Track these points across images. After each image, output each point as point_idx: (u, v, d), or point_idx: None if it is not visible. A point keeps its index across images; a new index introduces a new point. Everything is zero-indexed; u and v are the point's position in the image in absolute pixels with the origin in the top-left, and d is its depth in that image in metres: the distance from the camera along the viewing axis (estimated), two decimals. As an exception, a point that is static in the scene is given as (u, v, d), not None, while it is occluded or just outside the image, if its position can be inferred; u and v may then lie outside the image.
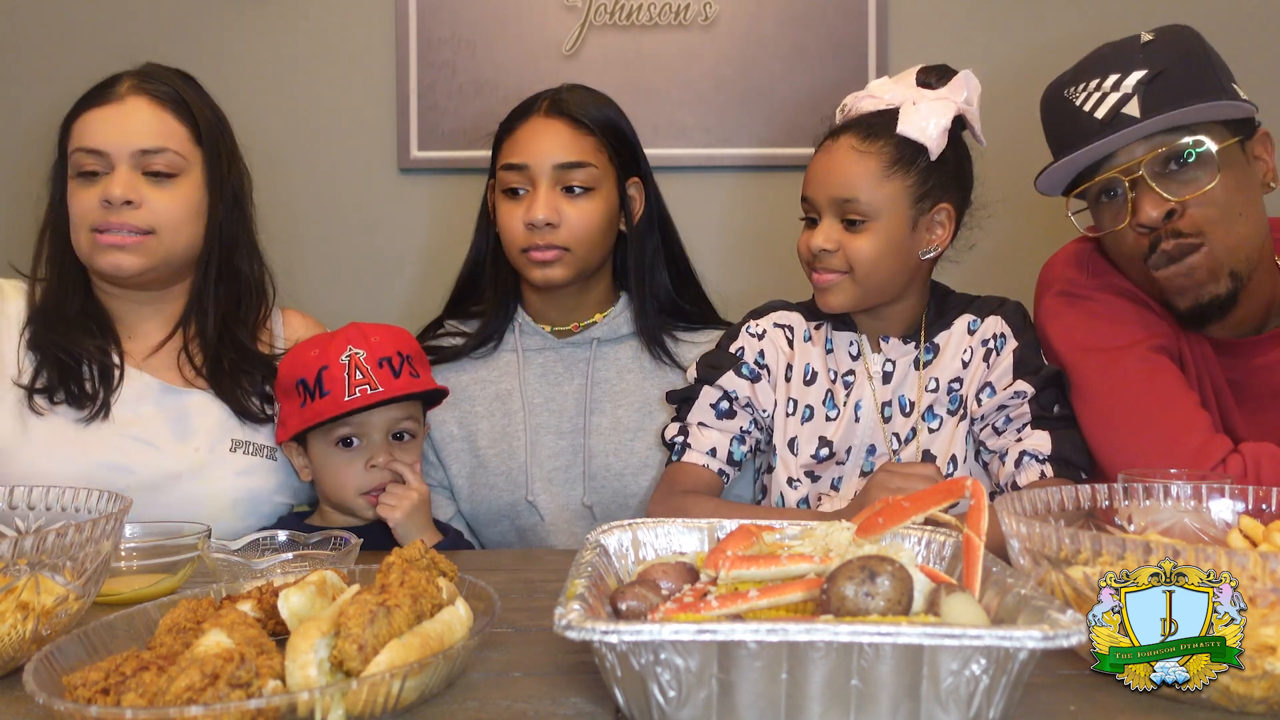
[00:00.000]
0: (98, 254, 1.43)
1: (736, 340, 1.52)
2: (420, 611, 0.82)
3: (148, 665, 0.75)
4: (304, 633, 0.76)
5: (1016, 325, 1.46)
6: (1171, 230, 1.34)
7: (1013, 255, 2.25)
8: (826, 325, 1.51)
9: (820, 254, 1.40)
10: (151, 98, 1.46)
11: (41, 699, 0.71)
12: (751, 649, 0.69)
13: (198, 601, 0.90)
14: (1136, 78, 1.34)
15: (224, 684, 0.70)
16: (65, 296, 1.48)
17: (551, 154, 1.54)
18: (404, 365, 1.43)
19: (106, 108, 1.44)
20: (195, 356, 1.51)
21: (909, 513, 0.88)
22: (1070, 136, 1.39)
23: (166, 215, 1.44)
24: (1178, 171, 1.34)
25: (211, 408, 1.49)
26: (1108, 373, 1.40)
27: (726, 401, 1.49)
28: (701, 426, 1.48)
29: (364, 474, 1.44)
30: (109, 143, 1.42)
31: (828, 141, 1.43)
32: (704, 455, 1.47)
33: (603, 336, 1.66)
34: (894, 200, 1.38)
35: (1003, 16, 2.23)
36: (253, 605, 0.93)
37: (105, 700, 0.73)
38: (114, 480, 1.36)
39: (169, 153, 1.45)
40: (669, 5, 2.21)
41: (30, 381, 1.42)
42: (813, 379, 1.49)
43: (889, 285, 1.42)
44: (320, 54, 2.25)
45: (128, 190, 1.41)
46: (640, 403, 1.63)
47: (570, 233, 1.54)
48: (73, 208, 1.44)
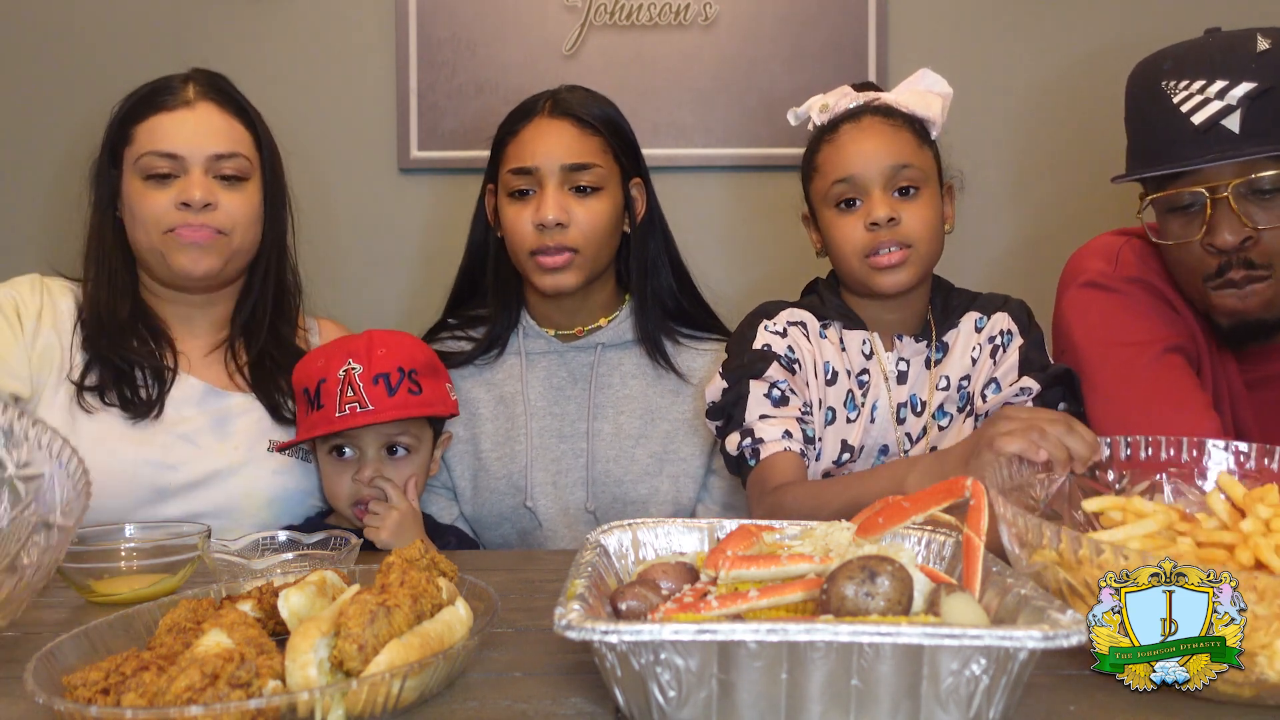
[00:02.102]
0: (175, 252, 1.46)
1: (758, 339, 1.46)
2: (420, 611, 0.82)
3: (148, 665, 0.75)
4: (304, 633, 0.76)
5: (1022, 323, 1.46)
6: (1243, 259, 1.31)
7: (1012, 253, 2.26)
8: (837, 324, 1.49)
9: (886, 226, 1.36)
10: (219, 104, 1.51)
11: (41, 699, 0.71)
12: (751, 649, 0.69)
13: (198, 601, 0.90)
14: (1244, 90, 1.27)
15: (224, 684, 0.70)
16: (116, 300, 1.50)
17: (559, 154, 1.54)
18: (403, 383, 1.41)
19: (179, 112, 1.47)
20: (240, 356, 1.55)
21: (909, 513, 0.88)
22: (1161, 136, 1.33)
23: (239, 217, 1.49)
24: (1264, 198, 1.29)
25: (252, 409, 1.52)
26: (1122, 368, 1.39)
27: (777, 390, 1.41)
28: (764, 419, 1.40)
29: (352, 485, 1.44)
30: (184, 146, 1.46)
31: (845, 126, 1.41)
32: (780, 441, 1.37)
33: (607, 341, 1.65)
34: (931, 168, 1.41)
35: (1002, 17, 2.23)
36: (253, 605, 0.93)
37: (105, 700, 0.73)
38: (157, 477, 1.43)
39: (240, 157, 1.49)
40: (669, 5, 2.21)
41: (80, 378, 1.44)
42: (834, 379, 1.46)
43: (936, 259, 1.43)
44: (320, 54, 2.25)
45: (207, 193, 1.45)
46: (643, 409, 1.62)
47: (580, 232, 1.54)
48: (142, 209, 1.46)
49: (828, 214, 1.43)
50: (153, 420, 1.45)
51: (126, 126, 1.49)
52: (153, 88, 1.50)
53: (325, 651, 0.76)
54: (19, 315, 1.46)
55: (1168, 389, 1.37)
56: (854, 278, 1.43)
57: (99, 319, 1.48)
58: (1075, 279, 1.49)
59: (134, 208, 1.47)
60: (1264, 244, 1.30)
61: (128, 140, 1.48)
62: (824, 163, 1.43)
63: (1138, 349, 1.39)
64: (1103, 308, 1.44)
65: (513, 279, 1.65)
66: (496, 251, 1.65)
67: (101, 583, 1.10)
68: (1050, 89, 2.22)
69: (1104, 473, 1.09)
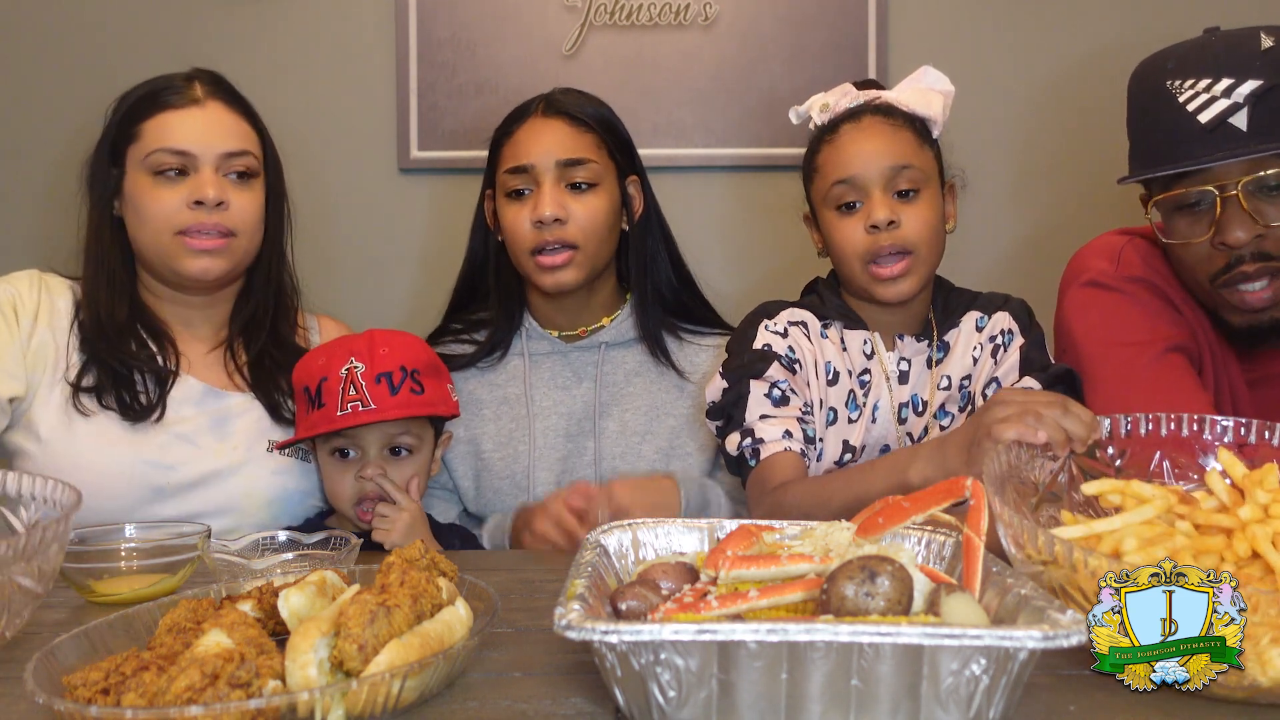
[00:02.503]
0: (185, 258, 1.44)
1: (759, 338, 1.45)
2: (420, 611, 0.82)
3: (148, 665, 0.75)
4: (304, 633, 0.76)
5: (1023, 322, 1.46)
6: (1259, 253, 1.29)
7: (1010, 253, 2.26)
8: (837, 324, 1.48)
9: (885, 229, 1.36)
10: (226, 102, 1.50)
11: (41, 699, 0.71)
12: (751, 649, 0.69)
13: (198, 602, 0.90)
14: (1250, 88, 1.26)
15: (224, 684, 0.70)
16: (114, 301, 1.48)
17: (553, 151, 1.54)
18: (405, 382, 1.40)
19: (189, 110, 1.46)
20: (239, 356, 1.54)
21: (909, 513, 0.88)
22: (1168, 136, 1.32)
23: (247, 217, 1.48)
24: (1273, 194, 1.28)
25: (251, 409, 1.51)
26: (1123, 367, 1.38)
27: (777, 390, 1.41)
28: (764, 419, 1.39)
29: (355, 484, 1.43)
30: (197, 144, 1.44)
31: (845, 126, 1.41)
32: (780, 441, 1.37)
33: (610, 340, 1.65)
34: (931, 168, 1.41)
35: (1002, 16, 2.23)
36: (253, 605, 0.93)
37: (105, 700, 0.73)
38: (156, 477, 1.42)
39: (249, 155, 1.49)
40: (669, 5, 2.21)
41: (77, 379, 1.43)
42: (835, 379, 1.45)
43: (938, 261, 1.43)
44: (320, 54, 2.25)
45: (220, 192, 1.44)
46: (648, 406, 1.62)
47: (578, 228, 1.54)
48: (151, 207, 1.44)
49: (828, 215, 1.42)
50: (154, 422, 1.44)
51: (131, 124, 1.46)
52: (156, 85, 1.48)
53: (325, 651, 0.76)
54: (15, 312, 1.45)
55: (1168, 388, 1.36)
56: (856, 283, 1.43)
57: (97, 321, 1.46)
58: (1077, 278, 1.49)
59: (141, 206, 1.45)
60: (1275, 238, 1.29)
61: (133, 138, 1.46)
62: (824, 163, 1.42)
63: (1138, 349, 1.39)
64: (1104, 307, 1.44)
65: (514, 282, 1.66)
66: (497, 256, 1.66)
67: (101, 583, 1.10)
68: (1049, 89, 2.22)
69: (1104, 451, 1.08)
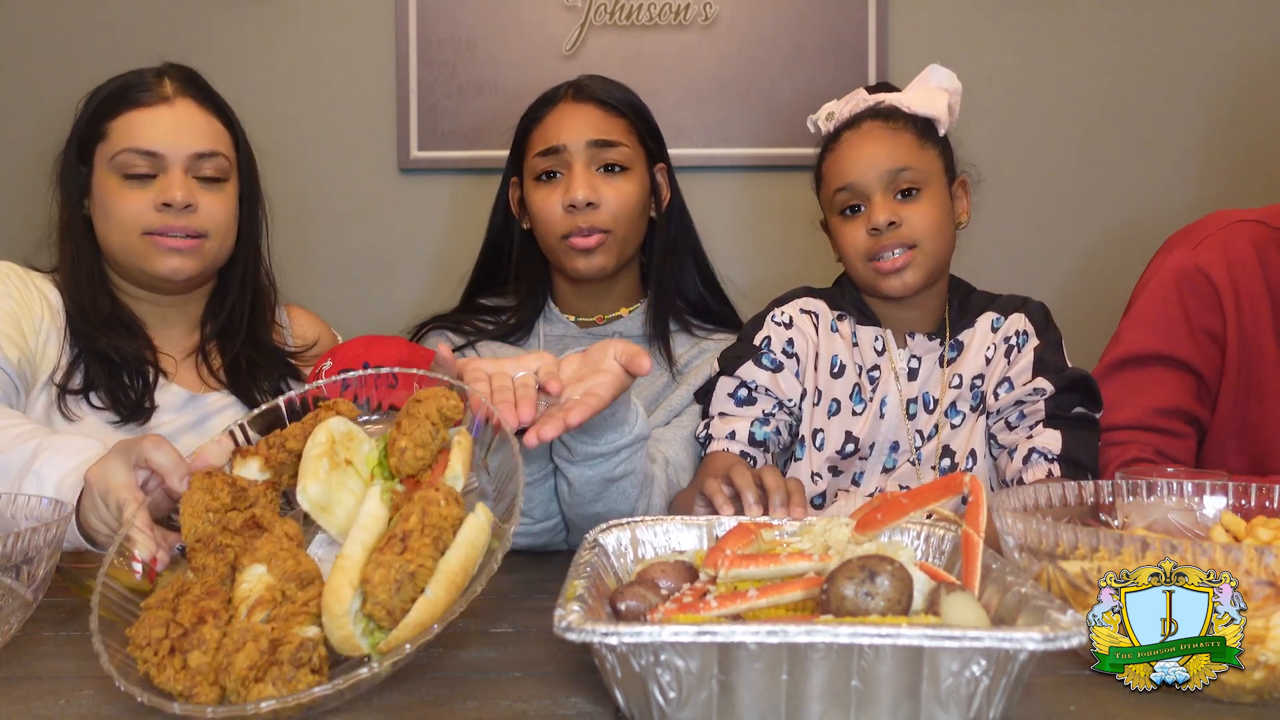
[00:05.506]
0: (156, 258, 1.42)
1: (761, 330, 1.50)
2: (444, 545, 0.83)
3: (204, 616, 0.79)
4: (335, 589, 0.79)
5: (1040, 324, 1.47)
6: None
7: (1009, 253, 2.26)
8: (850, 319, 1.51)
9: (886, 230, 1.39)
10: (198, 101, 1.46)
11: (122, 686, 0.76)
12: (751, 650, 0.69)
13: (210, 480, 0.92)
14: None
15: (289, 665, 0.74)
16: (96, 295, 1.45)
17: (585, 132, 1.54)
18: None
19: (157, 109, 1.42)
20: (213, 359, 1.52)
21: (907, 509, 0.88)
22: None
23: (218, 219, 1.45)
24: None
25: (230, 406, 1.50)
26: None
27: (744, 390, 1.46)
28: (722, 416, 1.46)
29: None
30: (164, 144, 1.41)
31: (846, 134, 1.45)
32: (722, 441, 1.44)
33: (625, 331, 1.65)
34: (934, 167, 1.43)
35: (1001, 16, 2.23)
36: (260, 464, 0.94)
37: (172, 661, 0.77)
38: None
39: (219, 157, 1.45)
40: (669, 5, 2.21)
41: (64, 381, 1.40)
42: (840, 371, 1.48)
43: (946, 256, 1.45)
44: (320, 54, 2.25)
45: (188, 194, 1.41)
46: (650, 399, 1.62)
47: (610, 214, 1.53)
48: (119, 209, 1.41)
49: (835, 221, 1.47)
50: (140, 424, 1.41)
51: (99, 122, 1.42)
52: (126, 81, 1.44)
53: (358, 602, 0.79)
54: (46, 309, 1.42)
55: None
56: (862, 282, 1.47)
57: (83, 312, 1.43)
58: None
59: (109, 207, 1.41)
60: None
61: (100, 136, 1.42)
62: (827, 171, 1.47)
63: None
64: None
65: (538, 267, 1.65)
66: (520, 242, 1.65)
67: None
68: (1048, 89, 2.22)
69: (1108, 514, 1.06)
